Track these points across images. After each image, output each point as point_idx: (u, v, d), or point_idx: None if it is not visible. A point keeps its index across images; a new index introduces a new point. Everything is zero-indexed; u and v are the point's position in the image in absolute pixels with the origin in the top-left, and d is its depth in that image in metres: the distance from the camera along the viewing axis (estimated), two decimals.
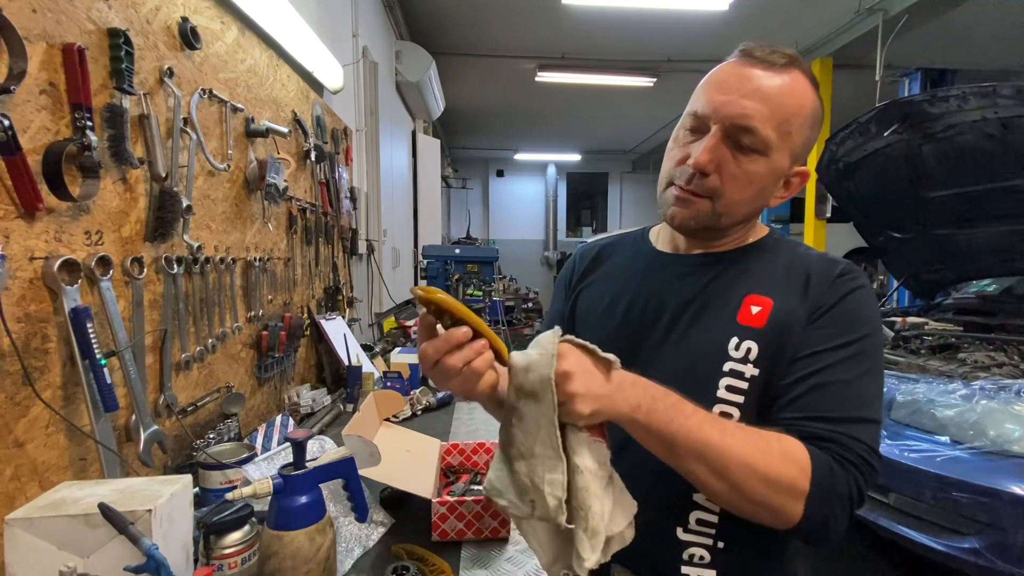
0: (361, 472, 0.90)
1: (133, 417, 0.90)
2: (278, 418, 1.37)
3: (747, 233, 0.78)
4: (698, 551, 0.70)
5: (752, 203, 0.71)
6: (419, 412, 1.74)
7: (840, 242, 5.56)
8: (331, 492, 0.95)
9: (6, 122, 0.65)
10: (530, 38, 4.75)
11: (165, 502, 0.64)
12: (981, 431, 1.85)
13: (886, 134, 2.55)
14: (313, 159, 1.80)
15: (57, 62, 0.75)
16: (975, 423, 1.88)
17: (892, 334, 2.84)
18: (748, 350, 0.68)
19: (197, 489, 0.94)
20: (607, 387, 0.56)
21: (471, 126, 8.02)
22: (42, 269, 0.73)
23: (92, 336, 0.76)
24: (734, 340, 0.69)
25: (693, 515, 0.69)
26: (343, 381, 1.81)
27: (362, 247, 2.67)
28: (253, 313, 1.38)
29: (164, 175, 0.96)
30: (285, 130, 1.45)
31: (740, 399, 0.68)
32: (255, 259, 1.38)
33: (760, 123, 0.66)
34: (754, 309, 0.70)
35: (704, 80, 0.72)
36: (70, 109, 0.77)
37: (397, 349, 2.20)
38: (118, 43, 0.84)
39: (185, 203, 1.02)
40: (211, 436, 1.10)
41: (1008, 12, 4.09)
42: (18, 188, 0.68)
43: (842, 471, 0.60)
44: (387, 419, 1.40)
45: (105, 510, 0.58)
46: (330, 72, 2.08)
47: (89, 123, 0.78)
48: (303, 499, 0.73)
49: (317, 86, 2.05)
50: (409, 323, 2.93)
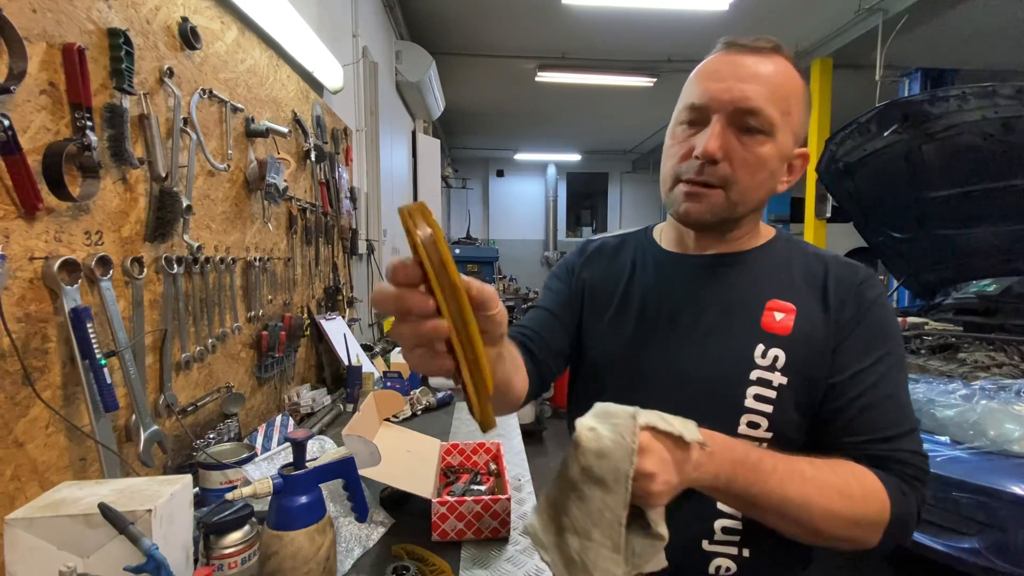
0: (361, 472, 0.90)
1: (133, 417, 0.90)
2: (278, 418, 1.37)
3: (755, 233, 0.77)
4: (724, 562, 0.69)
5: (764, 188, 0.70)
6: (419, 412, 1.74)
7: (840, 242, 5.55)
8: (331, 492, 0.95)
9: (6, 122, 0.65)
10: (530, 38, 4.75)
11: (165, 502, 0.64)
12: (981, 431, 1.85)
13: (886, 134, 2.55)
14: (313, 159, 1.80)
15: (57, 62, 0.75)
16: (975, 423, 1.88)
17: None
18: (775, 358, 0.67)
19: (197, 489, 0.94)
20: (686, 470, 0.51)
21: (471, 126, 8.02)
22: (42, 269, 0.73)
23: (92, 336, 0.76)
24: (760, 347, 0.68)
25: (718, 523, 0.69)
26: (343, 381, 1.81)
27: (362, 247, 2.67)
28: (253, 313, 1.38)
29: (164, 175, 0.96)
30: (285, 130, 1.45)
31: (769, 408, 0.67)
32: (255, 259, 1.38)
33: (763, 103, 0.65)
34: (778, 316, 0.69)
35: (694, 73, 0.71)
36: (70, 109, 0.77)
37: (397, 349, 2.20)
38: (118, 43, 0.84)
39: (185, 203, 1.02)
40: (211, 436, 1.10)
41: (1008, 12, 4.09)
42: (18, 188, 0.68)
43: (911, 490, 0.62)
44: (387, 419, 1.40)
45: (105, 510, 0.58)
46: (330, 72, 2.08)
47: (89, 123, 0.78)
48: (303, 499, 0.73)
49: (317, 86, 2.05)
50: None
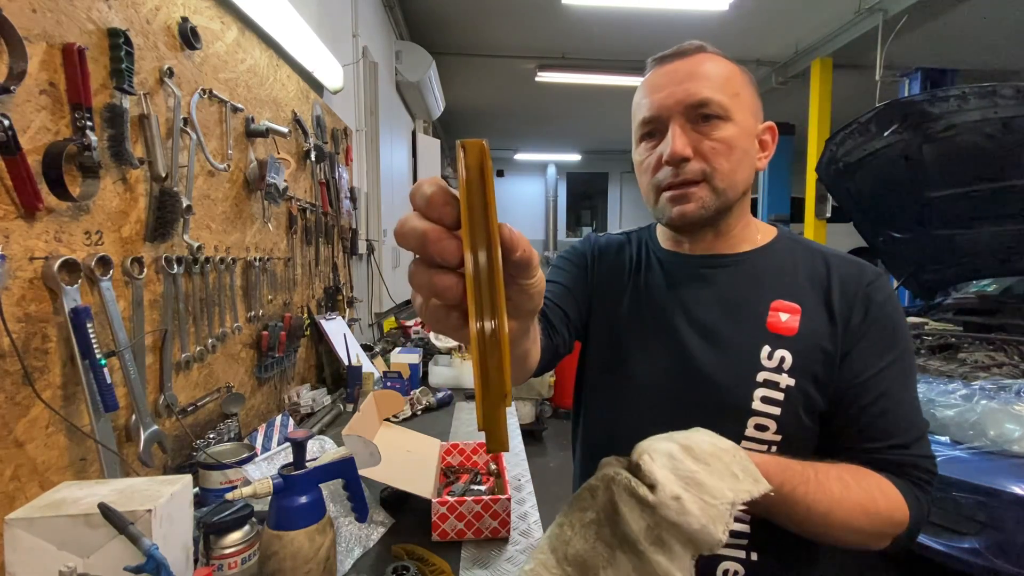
0: (361, 472, 0.90)
1: (133, 417, 0.89)
2: (278, 418, 1.37)
3: (752, 229, 0.77)
4: (732, 565, 0.68)
5: (743, 168, 0.71)
6: (419, 412, 1.74)
7: (840, 242, 5.53)
8: (331, 492, 0.95)
9: (6, 122, 0.65)
10: (530, 38, 4.75)
11: (165, 502, 0.64)
12: (981, 431, 1.86)
13: (886, 134, 2.55)
14: (313, 159, 1.80)
15: (57, 62, 0.75)
16: (975, 423, 1.88)
17: None
18: (782, 359, 0.67)
19: (197, 489, 0.94)
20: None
21: (471, 126, 8.02)
22: (42, 269, 0.73)
23: (92, 336, 0.76)
24: (766, 349, 0.68)
25: None
26: (343, 381, 1.81)
27: (362, 247, 2.67)
28: (253, 313, 1.38)
29: (164, 175, 0.96)
30: (285, 130, 1.45)
31: (776, 411, 0.66)
32: (255, 259, 1.38)
33: (709, 92, 0.67)
34: (784, 316, 0.69)
35: (636, 95, 0.75)
36: (70, 109, 0.77)
37: (397, 349, 2.20)
38: (118, 43, 0.84)
39: (185, 203, 1.02)
40: (211, 436, 1.10)
41: (1008, 12, 4.09)
42: (18, 188, 0.68)
43: (923, 495, 0.63)
44: (387, 419, 1.40)
45: (105, 510, 0.58)
46: (330, 72, 2.07)
47: (89, 123, 0.78)
48: (303, 499, 0.73)
49: (317, 86, 2.04)
50: (409, 323, 2.93)
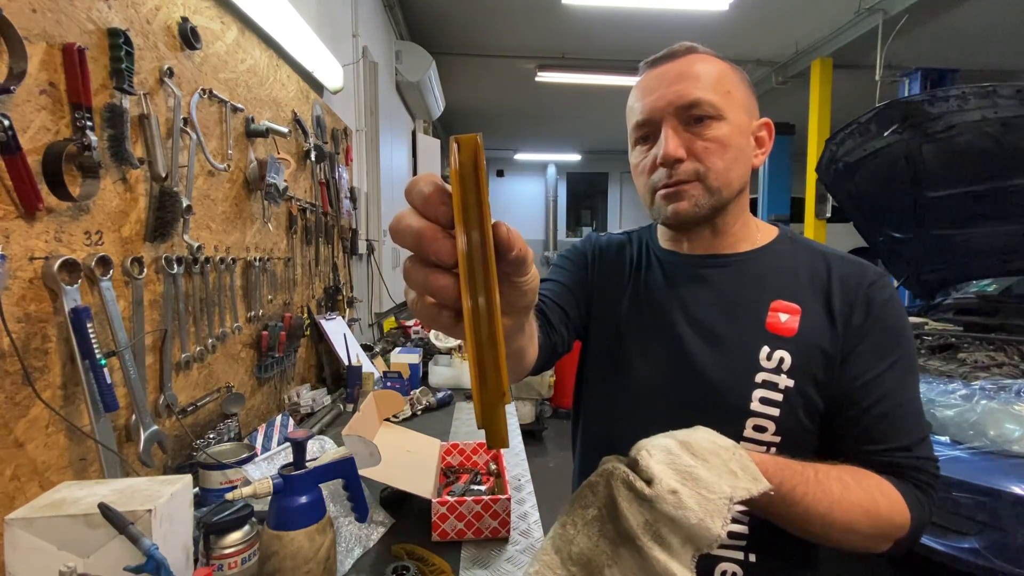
0: (361, 472, 0.90)
1: (133, 417, 0.89)
2: (278, 418, 1.37)
3: (750, 228, 0.77)
4: (730, 566, 0.68)
5: (739, 166, 0.71)
6: (419, 412, 1.74)
7: (840, 242, 5.53)
8: (331, 492, 0.95)
9: (6, 122, 0.65)
10: (530, 38, 4.75)
11: (165, 502, 0.64)
12: (981, 431, 1.86)
13: (886, 134, 2.55)
14: (313, 159, 1.80)
15: (57, 62, 0.75)
16: (975, 423, 1.88)
17: None
18: (781, 360, 0.66)
19: (197, 489, 0.94)
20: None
21: (471, 126, 8.02)
22: (42, 269, 0.73)
23: (92, 336, 0.76)
24: (765, 349, 0.67)
25: None
26: (343, 381, 1.81)
27: (362, 247, 2.67)
28: (253, 313, 1.38)
29: (164, 175, 0.96)
30: (285, 130, 1.45)
31: (776, 412, 0.66)
32: (255, 259, 1.37)
33: (700, 93, 0.68)
34: (783, 317, 0.68)
35: (629, 99, 0.76)
36: (70, 109, 0.77)
37: (397, 349, 2.20)
38: (118, 43, 0.84)
39: (185, 203, 1.02)
40: (211, 436, 1.10)
41: (1008, 12, 4.09)
42: (18, 188, 0.68)
43: (926, 498, 0.63)
44: (387, 419, 1.40)
45: (105, 510, 0.58)
46: (330, 72, 2.07)
47: (89, 123, 0.78)
48: (303, 499, 0.73)
49: (317, 86, 2.05)
50: (409, 323, 2.93)
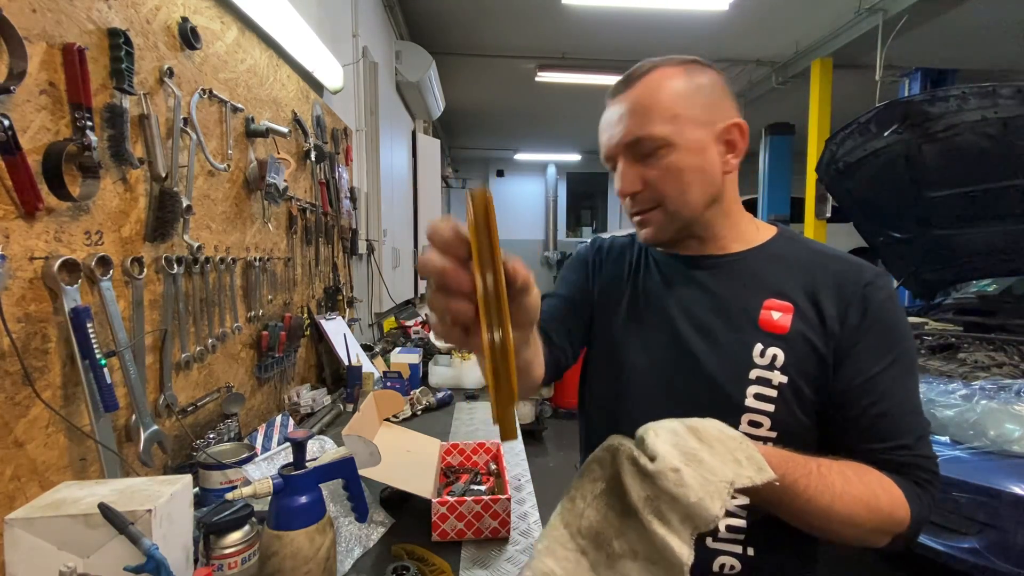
0: (361, 472, 0.90)
1: (133, 417, 0.90)
2: (278, 418, 1.37)
3: (744, 230, 0.77)
4: (728, 560, 0.68)
5: (695, 185, 0.71)
6: (419, 412, 1.74)
7: (840, 242, 5.52)
8: (331, 492, 0.95)
9: (6, 122, 0.65)
10: (530, 38, 4.75)
11: (165, 502, 0.64)
12: (981, 431, 1.86)
13: (886, 134, 2.55)
14: (313, 159, 1.80)
15: (57, 62, 0.75)
16: (975, 423, 1.88)
17: None
18: (774, 357, 0.67)
19: (197, 489, 0.94)
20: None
21: (471, 126, 8.02)
22: (42, 269, 0.73)
23: (92, 336, 0.76)
24: (758, 347, 0.68)
25: (722, 521, 0.68)
26: (343, 381, 1.81)
27: (362, 247, 2.67)
28: (253, 313, 1.38)
29: (164, 175, 0.96)
30: (285, 130, 1.45)
31: (770, 408, 0.67)
32: (255, 259, 1.37)
33: (639, 130, 0.70)
34: (776, 315, 0.69)
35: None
36: (70, 109, 0.77)
37: (397, 349, 2.20)
38: (118, 43, 0.84)
39: (185, 203, 1.02)
40: (211, 436, 1.10)
41: (1008, 12, 4.09)
42: (18, 188, 0.68)
43: (926, 495, 0.63)
44: (387, 419, 1.40)
45: (105, 510, 0.58)
46: (330, 72, 2.07)
47: (89, 123, 0.78)
48: (303, 499, 0.73)
49: (317, 86, 2.05)
50: (409, 323, 2.93)
